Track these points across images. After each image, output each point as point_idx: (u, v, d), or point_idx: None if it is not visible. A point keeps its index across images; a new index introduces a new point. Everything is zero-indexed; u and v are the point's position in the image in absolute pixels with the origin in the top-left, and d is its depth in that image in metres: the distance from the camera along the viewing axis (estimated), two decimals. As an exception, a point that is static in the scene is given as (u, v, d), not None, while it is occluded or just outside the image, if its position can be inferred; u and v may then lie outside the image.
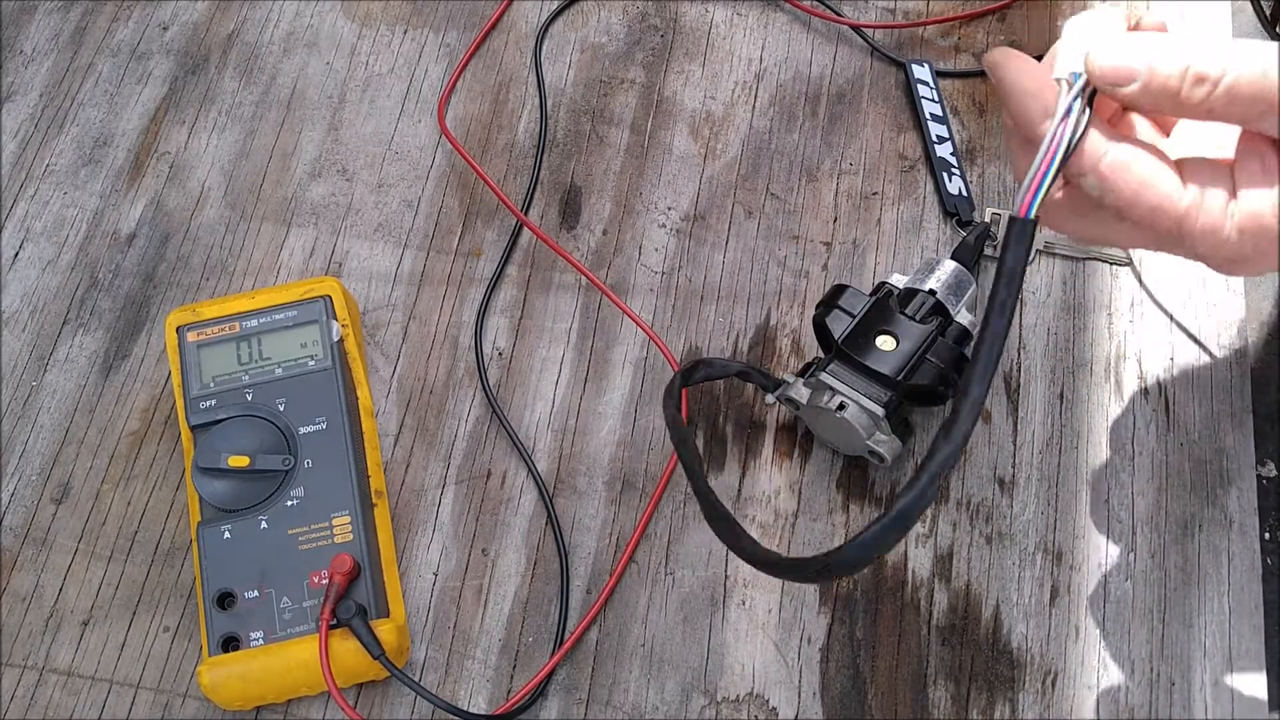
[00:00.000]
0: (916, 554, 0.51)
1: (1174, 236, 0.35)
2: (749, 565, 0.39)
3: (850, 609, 0.50)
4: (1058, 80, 0.36)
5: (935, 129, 0.59)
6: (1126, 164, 0.35)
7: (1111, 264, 0.56)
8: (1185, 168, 0.35)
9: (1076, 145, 0.35)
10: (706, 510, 0.42)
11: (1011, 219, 0.35)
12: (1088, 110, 0.35)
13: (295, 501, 0.49)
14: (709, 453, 0.53)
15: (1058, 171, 0.35)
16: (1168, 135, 0.40)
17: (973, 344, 0.35)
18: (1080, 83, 0.35)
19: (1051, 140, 0.35)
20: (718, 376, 0.52)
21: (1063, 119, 0.35)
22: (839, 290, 0.50)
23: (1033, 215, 0.35)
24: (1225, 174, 0.34)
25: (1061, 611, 0.49)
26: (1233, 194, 0.34)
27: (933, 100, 0.60)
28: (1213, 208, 0.34)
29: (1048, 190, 0.35)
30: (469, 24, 0.65)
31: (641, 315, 0.56)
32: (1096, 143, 0.35)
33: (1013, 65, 0.36)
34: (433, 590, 0.51)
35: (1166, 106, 0.34)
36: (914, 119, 0.61)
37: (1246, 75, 0.32)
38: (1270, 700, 0.47)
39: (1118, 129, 0.37)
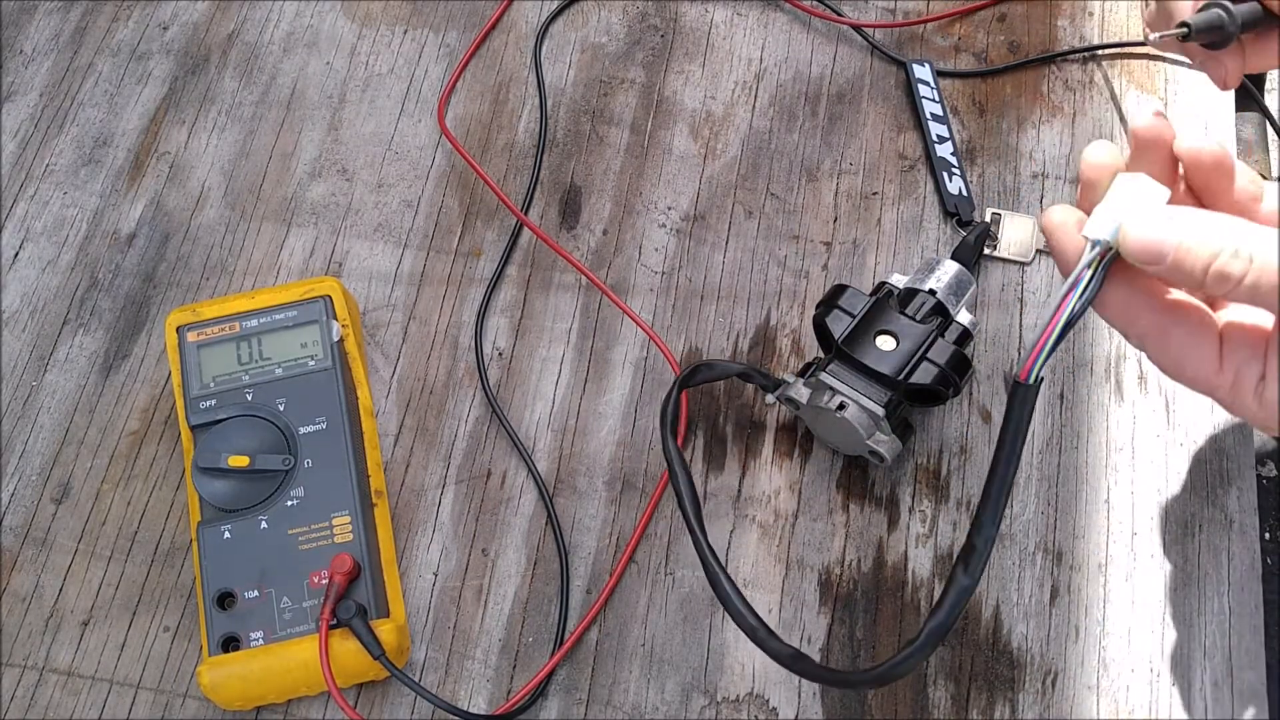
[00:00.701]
0: (916, 554, 0.51)
1: (1217, 399, 0.36)
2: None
3: (850, 609, 0.50)
4: (1085, 238, 0.35)
5: (936, 129, 0.59)
6: (1162, 337, 0.35)
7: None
8: (1227, 341, 0.35)
9: (1081, 313, 0.35)
10: (719, 593, 0.43)
11: (1015, 384, 0.36)
12: (1099, 280, 0.35)
13: (295, 501, 0.49)
14: (709, 453, 0.53)
15: (1059, 340, 0.35)
16: None
17: (979, 501, 0.38)
18: (1095, 252, 0.35)
19: (1056, 310, 0.35)
20: (718, 377, 0.52)
21: (1069, 289, 0.35)
22: (839, 290, 0.50)
23: (1033, 381, 0.36)
24: (1261, 352, 0.35)
25: (1061, 611, 0.49)
26: (1263, 376, 0.35)
27: (933, 100, 0.60)
28: (1245, 390, 0.35)
29: (1048, 357, 0.35)
30: (469, 24, 0.65)
31: (641, 315, 0.56)
32: (1138, 307, 0.35)
33: (1057, 235, 0.37)
34: (433, 590, 0.51)
35: (1189, 287, 0.34)
36: (914, 119, 0.61)
37: (1267, 276, 0.32)
38: (1270, 700, 0.47)
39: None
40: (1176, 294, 0.37)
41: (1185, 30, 0.37)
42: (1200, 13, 0.38)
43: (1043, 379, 0.36)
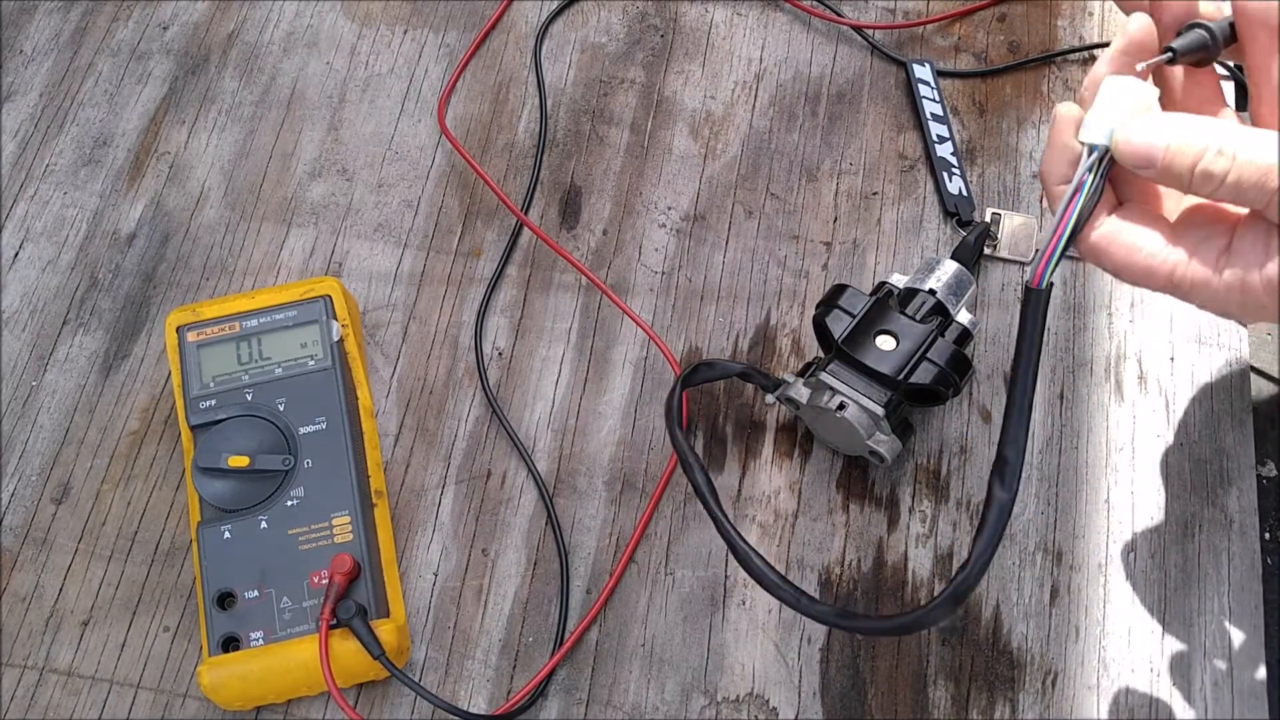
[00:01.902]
0: (916, 554, 0.51)
1: (1170, 290, 0.37)
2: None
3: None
4: (1081, 144, 0.36)
5: (936, 129, 0.59)
6: (1114, 234, 0.37)
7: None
8: (1180, 227, 0.37)
9: (1088, 217, 0.37)
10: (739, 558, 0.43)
11: (1026, 289, 0.37)
12: (1101, 184, 0.36)
13: (295, 501, 0.49)
14: (709, 453, 0.53)
15: (1068, 243, 0.37)
16: None
17: (1004, 414, 0.39)
18: (1096, 156, 0.36)
19: (1063, 213, 0.36)
20: (719, 377, 0.52)
21: (1074, 193, 0.36)
22: (839, 290, 0.50)
23: (1044, 285, 0.37)
24: (1223, 232, 0.36)
25: (1061, 611, 0.49)
26: (1225, 251, 0.36)
27: (933, 100, 0.60)
28: (1201, 265, 0.36)
29: (1058, 261, 0.37)
30: (469, 24, 0.65)
31: (641, 315, 0.56)
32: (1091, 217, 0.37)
33: (1058, 121, 0.38)
34: (433, 590, 0.51)
35: (1177, 189, 0.36)
36: (914, 119, 0.61)
37: (1249, 171, 0.34)
38: (1270, 700, 0.47)
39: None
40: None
41: (1171, 55, 0.38)
42: (1183, 37, 0.39)
43: (1053, 284, 0.37)
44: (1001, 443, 0.38)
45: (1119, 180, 0.39)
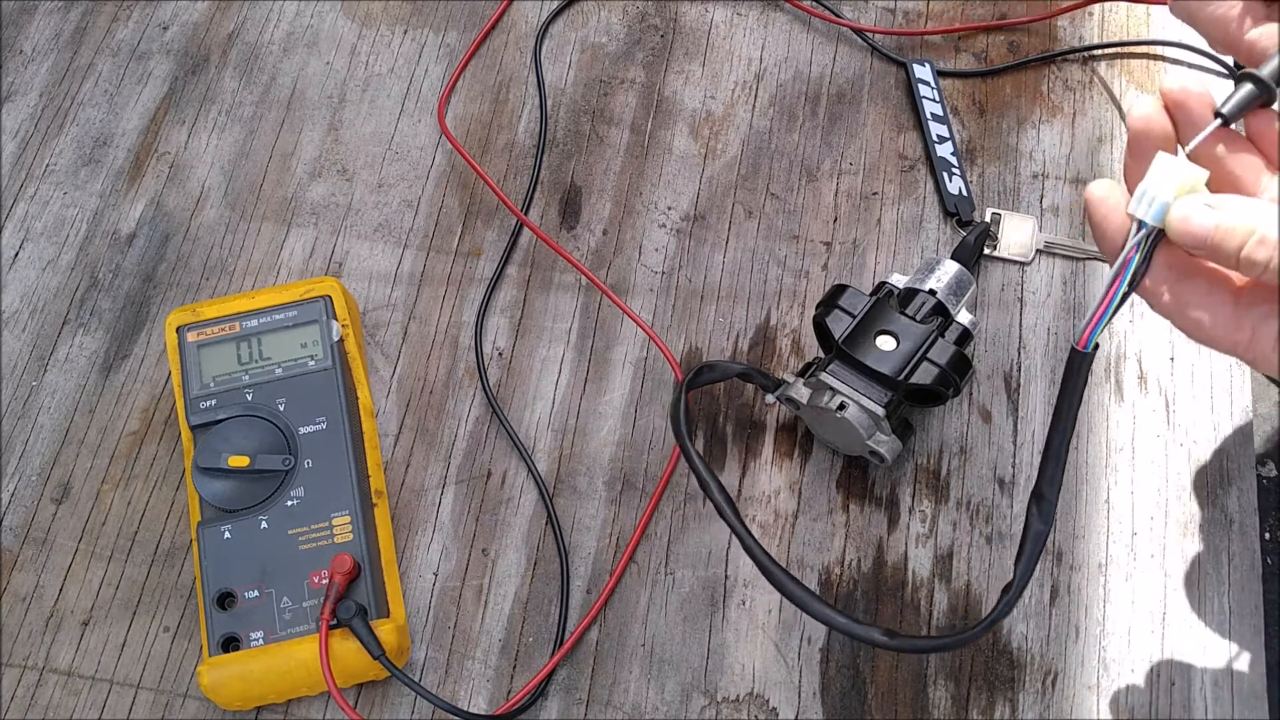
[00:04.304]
0: (917, 554, 0.51)
1: (1235, 356, 0.38)
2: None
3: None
4: (1130, 216, 0.37)
5: (936, 129, 0.59)
6: (1183, 307, 0.38)
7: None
8: (1245, 299, 0.37)
9: (1136, 286, 0.38)
10: (761, 565, 0.44)
11: (1072, 351, 0.39)
12: (1147, 258, 0.38)
13: (295, 501, 0.49)
14: (709, 453, 0.53)
15: (1114, 311, 0.38)
16: None
17: (1042, 457, 0.42)
18: (1143, 234, 0.37)
19: (1111, 284, 0.38)
20: (720, 378, 0.52)
21: (1121, 268, 0.38)
22: (839, 290, 0.50)
23: (1089, 350, 0.39)
24: (1275, 309, 0.37)
25: (1061, 611, 0.49)
26: None
27: (934, 100, 0.60)
28: (1264, 344, 0.37)
29: (1104, 327, 0.38)
30: (469, 24, 0.65)
31: (641, 315, 0.56)
32: (1159, 280, 0.38)
33: (1100, 210, 0.39)
34: (433, 590, 0.51)
35: (1231, 262, 0.36)
36: (914, 119, 0.61)
37: None
38: (1270, 700, 0.47)
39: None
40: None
41: (1221, 120, 0.38)
42: (1232, 98, 0.39)
43: (1098, 346, 0.39)
44: (1040, 482, 0.41)
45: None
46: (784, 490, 0.52)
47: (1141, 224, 0.37)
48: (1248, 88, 0.38)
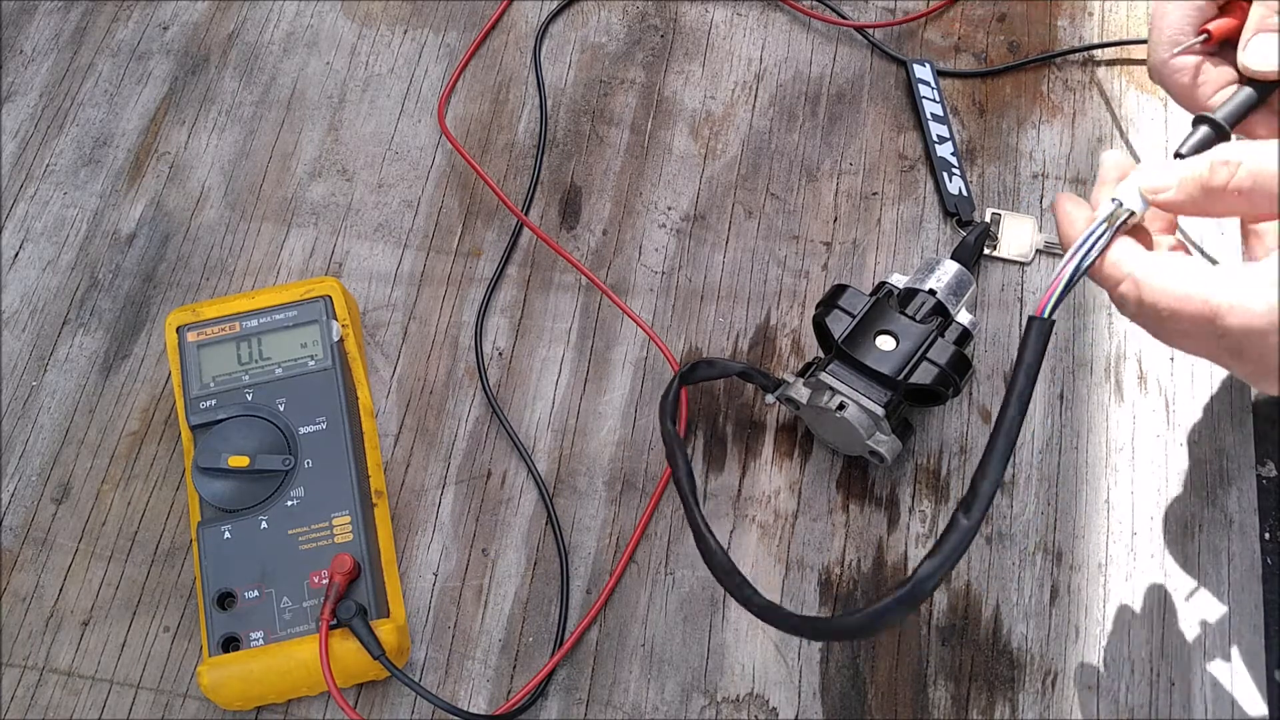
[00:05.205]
0: (916, 554, 0.51)
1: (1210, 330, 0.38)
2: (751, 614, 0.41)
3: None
4: (1111, 200, 0.40)
5: (936, 129, 0.59)
6: (1159, 269, 0.38)
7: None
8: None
9: (1097, 259, 0.39)
10: (704, 551, 0.43)
11: (1030, 318, 0.39)
12: (1111, 234, 0.39)
13: (295, 501, 0.49)
14: (709, 453, 0.53)
15: (1073, 279, 0.39)
16: None
17: (990, 431, 0.39)
18: (1112, 209, 0.40)
19: (1074, 251, 0.39)
20: (718, 376, 0.52)
21: (1085, 240, 0.39)
22: (839, 290, 0.50)
23: (1048, 315, 0.39)
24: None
25: (1061, 611, 0.49)
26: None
27: (934, 100, 0.60)
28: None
29: (1063, 295, 0.39)
30: (469, 24, 0.65)
31: (641, 315, 0.56)
32: (1128, 254, 0.39)
33: (1064, 208, 0.42)
34: (433, 590, 0.51)
35: (1201, 198, 0.38)
36: (914, 119, 0.61)
37: (1260, 176, 0.36)
38: (1270, 700, 0.47)
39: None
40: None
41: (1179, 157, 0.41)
42: (1189, 140, 0.42)
43: (1054, 320, 0.39)
44: (977, 475, 0.36)
45: None
46: (784, 490, 0.52)
47: (1117, 201, 0.40)
48: (1204, 130, 0.41)
